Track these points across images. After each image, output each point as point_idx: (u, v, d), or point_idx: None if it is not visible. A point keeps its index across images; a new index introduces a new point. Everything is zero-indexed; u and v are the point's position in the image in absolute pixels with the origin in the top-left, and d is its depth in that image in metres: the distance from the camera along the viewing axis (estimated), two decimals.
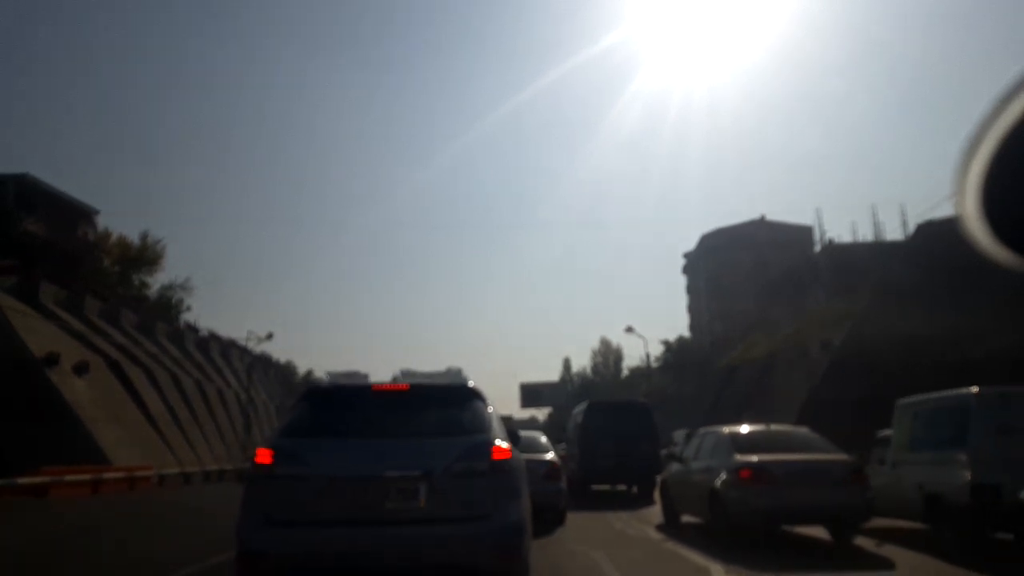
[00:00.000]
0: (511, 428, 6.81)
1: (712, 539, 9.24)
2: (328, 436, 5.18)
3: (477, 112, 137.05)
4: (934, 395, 9.71)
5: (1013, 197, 1.31)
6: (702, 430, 11.49)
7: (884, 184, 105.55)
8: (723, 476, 9.17)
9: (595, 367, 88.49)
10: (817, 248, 61.90)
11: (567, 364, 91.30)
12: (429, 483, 4.76)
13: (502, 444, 5.09)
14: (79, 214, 39.92)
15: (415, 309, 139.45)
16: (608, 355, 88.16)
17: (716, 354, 59.13)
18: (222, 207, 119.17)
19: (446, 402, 5.64)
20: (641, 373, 71.16)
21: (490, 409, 5.53)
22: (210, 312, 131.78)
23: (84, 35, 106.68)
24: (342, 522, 4.70)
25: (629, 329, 45.88)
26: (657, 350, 62.91)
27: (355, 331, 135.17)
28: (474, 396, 5.64)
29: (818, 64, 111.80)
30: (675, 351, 61.20)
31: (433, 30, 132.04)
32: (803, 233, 68.83)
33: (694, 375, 57.48)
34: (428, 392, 5.84)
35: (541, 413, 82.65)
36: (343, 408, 5.62)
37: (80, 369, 27.63)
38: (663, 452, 18.26)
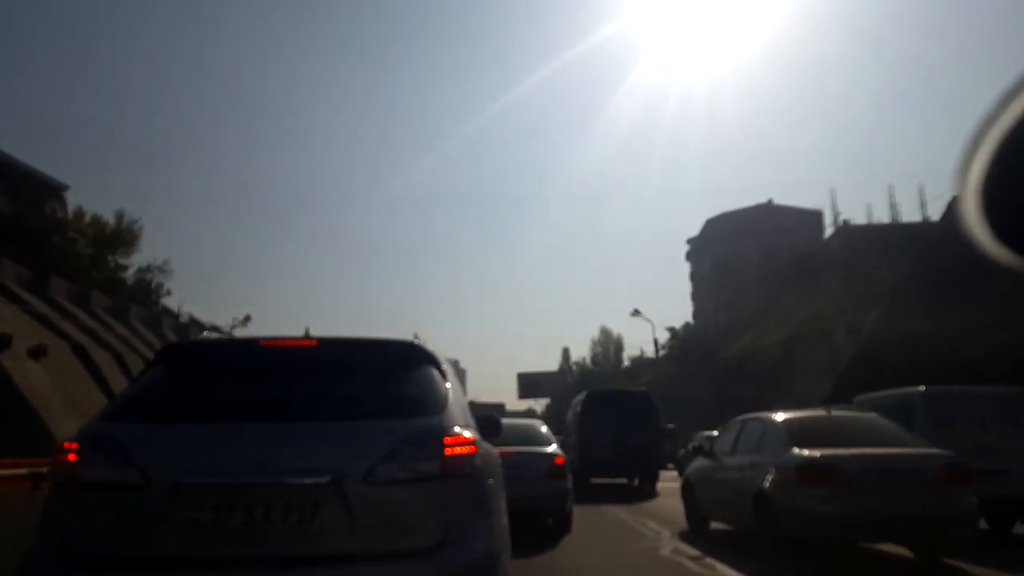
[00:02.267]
0: (489, 414, 5.11)
1: (756, 553, 7.61)
2: (181, 419, 3.40)
3: (476, 103, 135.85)
4: (885, 392, 10.74)
5: (1013, 197, 1.32)
6: (740, 417, 9.84)
7: (899, 166, 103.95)
8: (774, 475, 7.43)
9: (595, 357, 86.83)
10: (829, 231, 60.35)
11: (566, 354, 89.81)
12: (341, 495, 3.04)
13: (463, 432, 3.40)
14: (46, 190, 37.89)
15: (413, 299, 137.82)
16: (608, 345, 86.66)
17: (722, 343, 57.43)
18: (219, 202, 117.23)
19: (377, 368, 3.72)
20: (644, 362, 69.60)
21: (448, 383, 3.77)
22: (205, 304, 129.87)
23: (82, 33, 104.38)
24: (190, 561, 2.98)
25: (636, 312, 44.19)
26: (662, 337, 61.11)
27: (352, 323, 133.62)
28: (423, 359, 3.84)
29: (825, 51, 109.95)
30: (681, 339, 59.14)
31: (431, 20, 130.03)
32: (812, 218, 67.30)
33: (699, 364, 55.71)
34: (349, 352, 3.87)
35: (539, 404, 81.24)
36: (214, 376, 3.74)
37: (37, 353, 25.57)
38: (691, 446, 17.71)
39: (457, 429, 3.38)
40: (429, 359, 3.85)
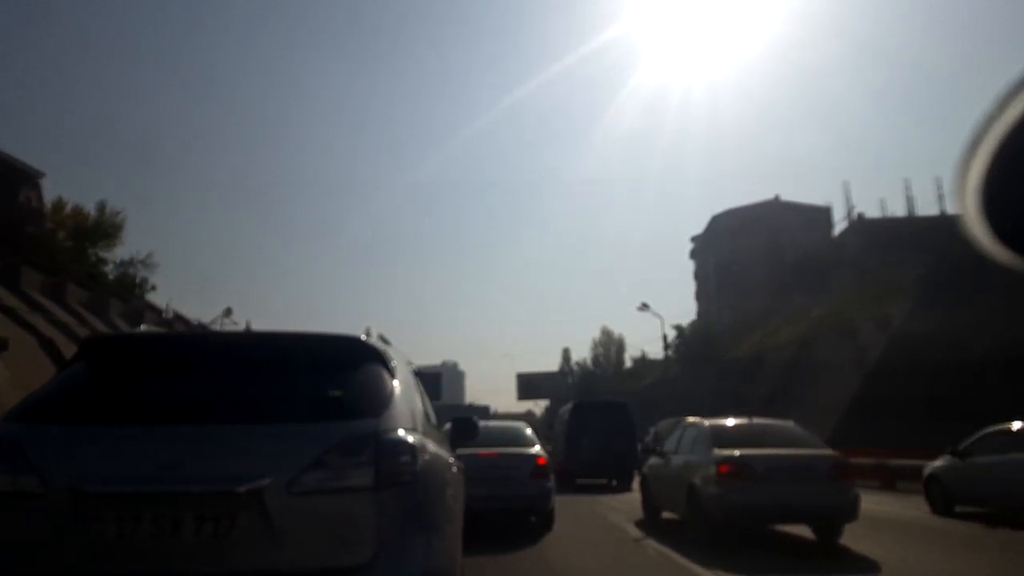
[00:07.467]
0: (465, 416, 5.41)
1: (687, 535, 9.22)
2: (93, 420, 3.21)
3: (480, 104, 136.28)
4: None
5: (1013, 197, 1.34)
6: (684, 422, 11.58)
7: (914, 160, 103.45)
8: (702, 472, 9.07)
9: (596, 358, 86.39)
10: (841, 227, 60.08)
11: (566, 355, 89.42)
12: (260, 506, 2.89)
13: (405, 436, 3.24)
14: (20, 177, 37.71)
15: (411, 299, 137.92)
16: (610, 345, 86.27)
17: (729, 342, 56.83)
18: (211, 196, 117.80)
19: (315, 366, 3.50)
20: (646, 363, 69.01)
21: (396, 380, 3.58)
22: (195, 299, 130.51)
23: (68, 23, 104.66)
24: None
25: (644, 306, 43.69)
26: (668, 335, 60.38)
27: (352, 323, 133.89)
28: (367, 356, 3.63)
29: (831, 50, 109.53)
30: (688, 337, 58.27)
31: (434, 23, 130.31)
32: (821, 214, 67.06)
33: (704, 364, 55.07)
34: (284, 348, 3.67)
35: (539, 406, 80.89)
36: (135, 372, 3.56)
37: None
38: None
39: (400, 432, 3.21)
40: (374, 356, 3.64)
